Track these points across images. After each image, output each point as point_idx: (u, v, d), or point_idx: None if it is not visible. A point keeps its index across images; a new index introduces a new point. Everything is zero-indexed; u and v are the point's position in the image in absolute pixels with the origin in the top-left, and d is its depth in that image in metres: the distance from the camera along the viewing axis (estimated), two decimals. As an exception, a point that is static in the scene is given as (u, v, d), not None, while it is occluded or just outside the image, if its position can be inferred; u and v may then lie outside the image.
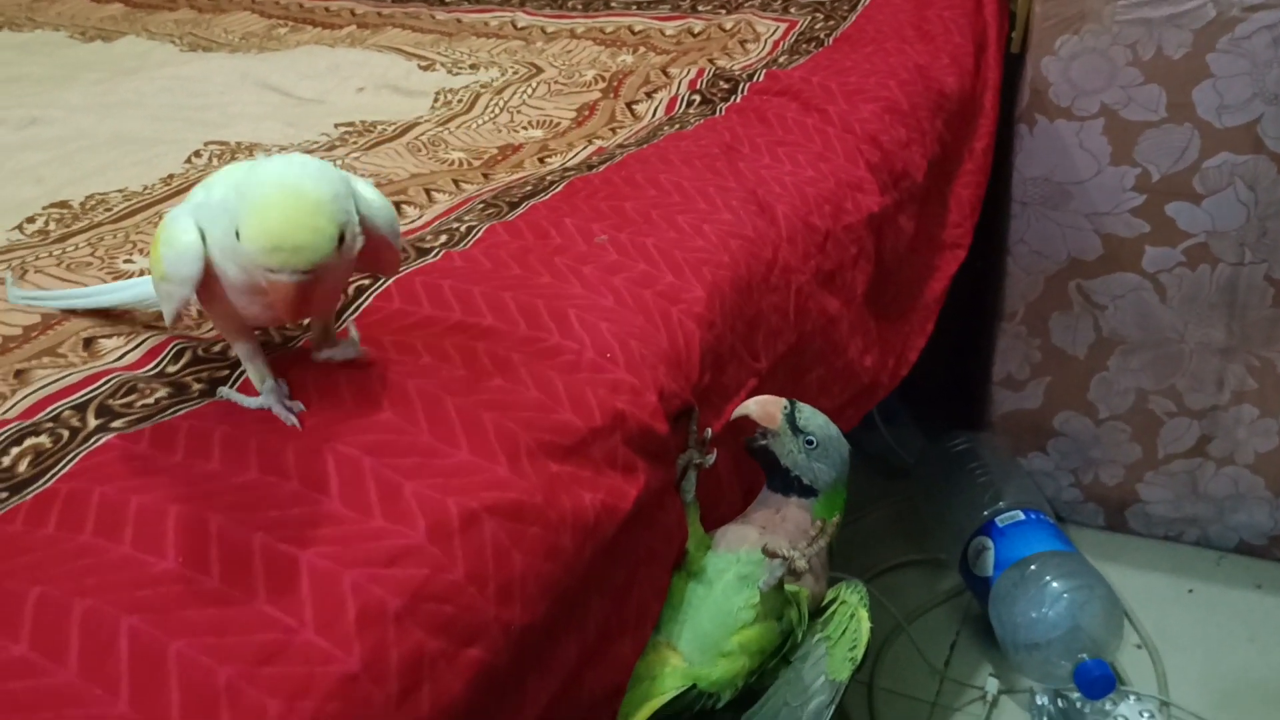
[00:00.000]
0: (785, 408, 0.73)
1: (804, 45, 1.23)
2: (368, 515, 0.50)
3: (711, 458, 0.71)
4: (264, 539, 0.48)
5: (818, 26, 1.27)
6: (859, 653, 0.70)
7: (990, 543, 1.25)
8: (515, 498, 0.54)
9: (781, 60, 1.20)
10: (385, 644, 0.46)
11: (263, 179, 0.49)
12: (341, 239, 0.50)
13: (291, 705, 0.42)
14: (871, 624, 0.71)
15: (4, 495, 0.52)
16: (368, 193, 0.56)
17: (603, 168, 0.92)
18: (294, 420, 0.56)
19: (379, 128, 1.11)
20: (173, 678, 0.41)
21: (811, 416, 0.74)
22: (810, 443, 0.73)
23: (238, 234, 0.49)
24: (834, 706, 0.68)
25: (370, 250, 0.56)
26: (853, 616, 0.71)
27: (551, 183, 0.89)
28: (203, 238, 0.52)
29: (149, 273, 0.60)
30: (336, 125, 1.12)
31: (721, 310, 0.74)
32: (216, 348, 0.66)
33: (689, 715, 0.67)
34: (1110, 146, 1.26)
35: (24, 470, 0.54)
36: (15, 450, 0.56)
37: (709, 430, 0.71)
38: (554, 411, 0.60)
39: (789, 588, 0.69)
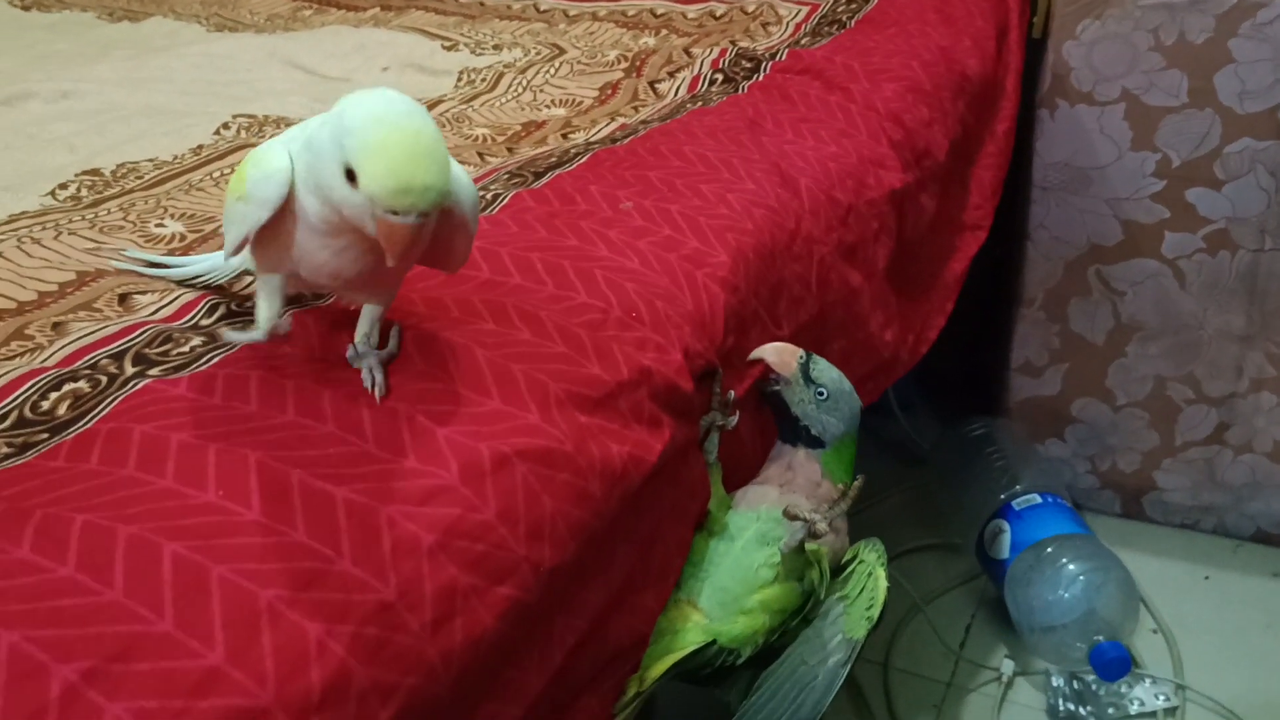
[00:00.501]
0: (801, 358, 0.74)
1: (826, 27, 1.24)
2: (401, 456, 0.51)
3: (734, 420, 0.72)
4: (301, 475, 0.49)
5: (840, 9, 1.28)
6: (875, 611, 0.70)
7: (1006, 525, 1.26)
8: (545, 445, 0.55)
9: (804, 42, 1.20)
10: (419, 576, 0.47)
11: (374, 116, 0.47)
12: None
13: (330, 628, 0.43)
14: (889, 585, 0.72)
15: (45, 436, 0.53)
16: (457, 169, 0.53)
17: (627, 141, 0.93)
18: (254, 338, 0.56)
19: (404, 105, 1.12)
20: (215, 599, 0.42)
21: (826, 370, 0.75)
22: (821, 394, 0.74)
23: (350, 174, 0.47)
24: (850, 665, 0.69)
25: (445, 234, 0.54)
26: (870, 575, 0.72)
27: (576, 154, 0.90)
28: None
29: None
30: (362, 102, 1.13)
31: (745, 275, 0.75)
32: (249, 303, 0.67)
33: (710, 671, 0.68)
34: (1131, 132, 1.26)
35: (64, 413, 0.55)
36: (54, 395, 0.57)
37: (731, 393, 0.72)
38: (582, 365, 0.61)
39: (810, 547, 0.70)
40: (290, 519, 0.47)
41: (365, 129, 0.46)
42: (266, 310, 0.57)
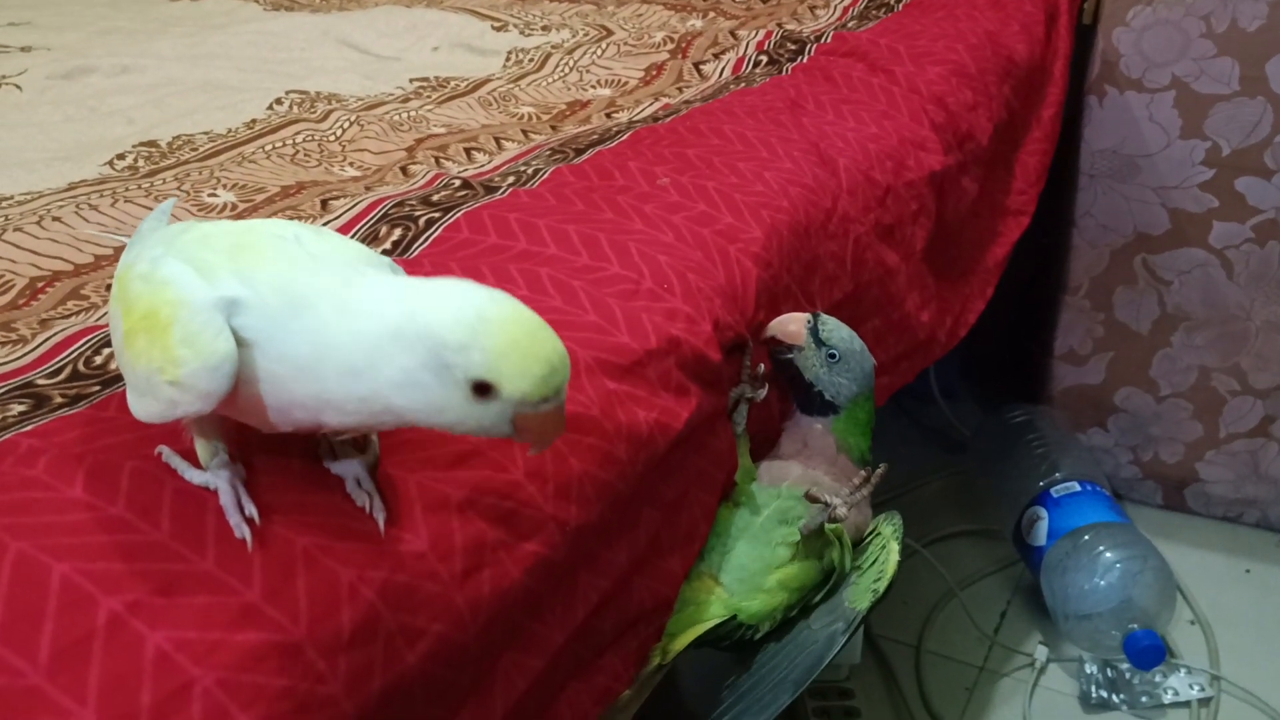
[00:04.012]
0: (808, 321, 0.75)
1: (874, 10, 1.24)
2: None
3: (763, 392, 0.73)
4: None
5: (887, -8, 1.28)
6: (882, 585, 0.70)
7: (1044, 513, 1.26)
8: (572, 409, 0.56)
9: (851, 24, 1.21)
10: (450, 529, 0.48)
11: (480, 317, 0.42)
12: None
13: (362, 574, 0.45)
14: (901, 557, 0.72)
15: (97, 388, 0.56)
16: None
17: (668, 120, 0.94)
18: (244, 530, 0.44)
19: (452, 83, 1.14)
20: (255, 544, 0.44)
21: (835, 329, 0.75)
22: (833, 356, 0.74)
23: (480, 388, 0.42)
24: (849, 635, 0.69)
25: None
26: (884, 549, 0.73)
27: (617, 133, 0.92)
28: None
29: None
30: (411, 80, 1.15)
31: (779, 251, 0.76)
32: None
33: (728, 643, 0.69)
34: (1180, 119, 1.25)
35: (115, 368, 0.58)
36: (106, 351, 0.59)
37: (761, 366, 0.73)
38: (611, 334, 0.62)
39: (830, 526, 0.70)
40: (327, 482, 0.48)
41: (483, 336, 0.41)
42: (209, 448, 0.47)
